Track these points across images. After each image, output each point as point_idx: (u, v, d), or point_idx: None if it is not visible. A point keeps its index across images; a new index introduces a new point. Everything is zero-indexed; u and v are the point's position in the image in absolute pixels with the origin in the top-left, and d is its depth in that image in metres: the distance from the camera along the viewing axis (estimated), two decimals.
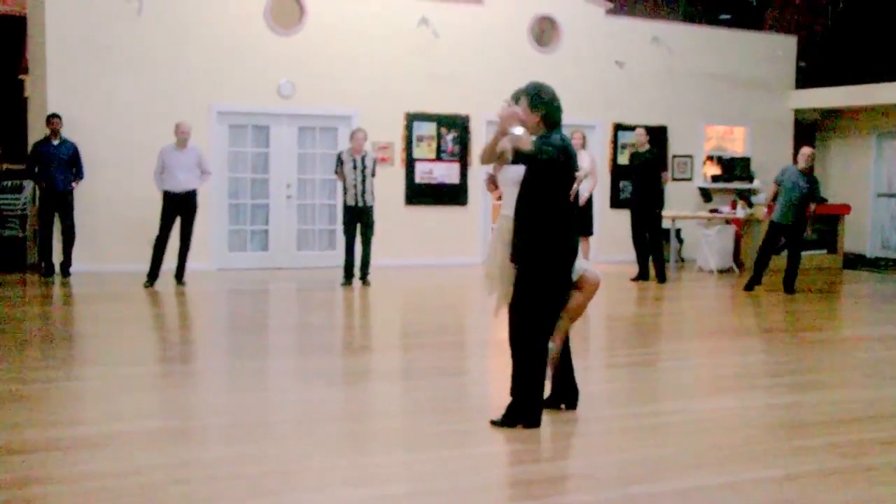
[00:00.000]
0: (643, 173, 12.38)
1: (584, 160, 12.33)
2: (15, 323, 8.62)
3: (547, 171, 5.10)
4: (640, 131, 12.61)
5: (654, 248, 12.34)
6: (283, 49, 12.63)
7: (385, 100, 13.17)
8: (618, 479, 4.49)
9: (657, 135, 14.13)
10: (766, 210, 11.99)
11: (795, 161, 11.81)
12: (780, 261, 12.13)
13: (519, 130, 5.05)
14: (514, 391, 5.26)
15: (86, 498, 4.09)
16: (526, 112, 5.20)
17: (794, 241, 11.58)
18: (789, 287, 11.49)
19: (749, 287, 11.55)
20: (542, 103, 5.22)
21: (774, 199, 11.57)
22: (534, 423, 5.19)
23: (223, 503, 4.09)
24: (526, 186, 5.17)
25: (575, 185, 11.90)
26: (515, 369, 5.26)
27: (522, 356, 5.21)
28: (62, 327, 8.70)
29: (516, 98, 5.35)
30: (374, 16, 13.10)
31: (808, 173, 11.43)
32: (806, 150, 11.67)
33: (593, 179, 12.31)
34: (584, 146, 12.41)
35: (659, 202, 12.39)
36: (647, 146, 12.47)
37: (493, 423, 5.24)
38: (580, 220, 12.30)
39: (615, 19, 14.75)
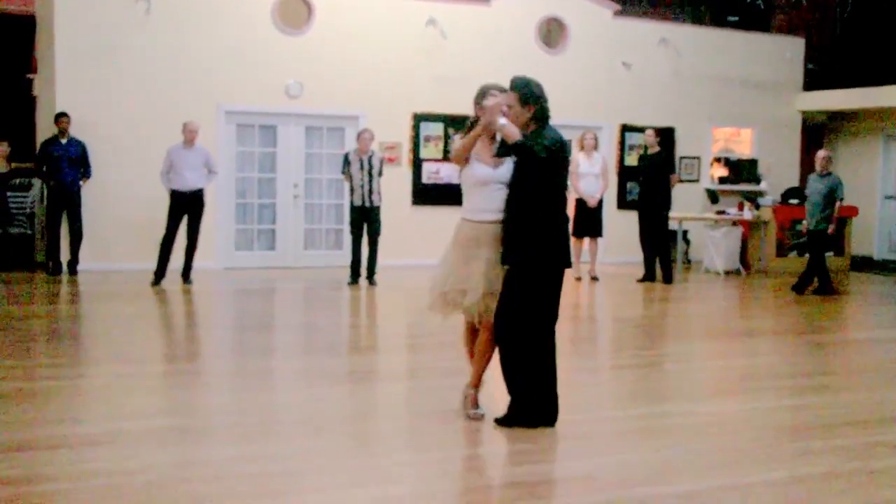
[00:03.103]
0: (652, 175, 12.38)
1: (596, 162, 12.36)
2: (22, 321, 8.65)
3: (541, 165, 5.00)
4: (650, 132, 12.62)
5: (660, 249, 12.32)
6: (290, 49, 12.64)
7: (392, 100, 13.18)
8: (621, 481, 4.49)
9: (665, 136, 14.08)
10: (804, 223, 12.11)
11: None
12: (791, 262, 12.14)
13: (503, 121, 4.97)
14: (511, 391, 5.24)
15: (91, 495, 4.11)
16: (516, 109, 5.10)
17: (817, 244, 11.74)
18: (799, 288, 11.64)
19: (823, 292, 11.64)
20: (533, 98, 5.13)
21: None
22: (531, 421, 5.18)
23: (228, 502, 4.10)
24: (520, 185, 5.09)
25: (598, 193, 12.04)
26: (508, 371, 5.19)
27: (516, 356, 5.15)
28: (69, 325, 8.72)
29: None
30: (382, 16, 13.11)
31: (826, 175, 11.67)
32: (818, 154, 11.96)
33: (605, 182, 12.34)
34: (595, 148, 12.40)
35: (666, 204, 12.37)
36: (657, 147, 12.46)
37: (497, 421, 5.24)
38: (589, 222, 12.31)
39: (623, 21, 14.73)
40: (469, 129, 5.25)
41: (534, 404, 5.20)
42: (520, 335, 5.13)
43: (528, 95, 5.11)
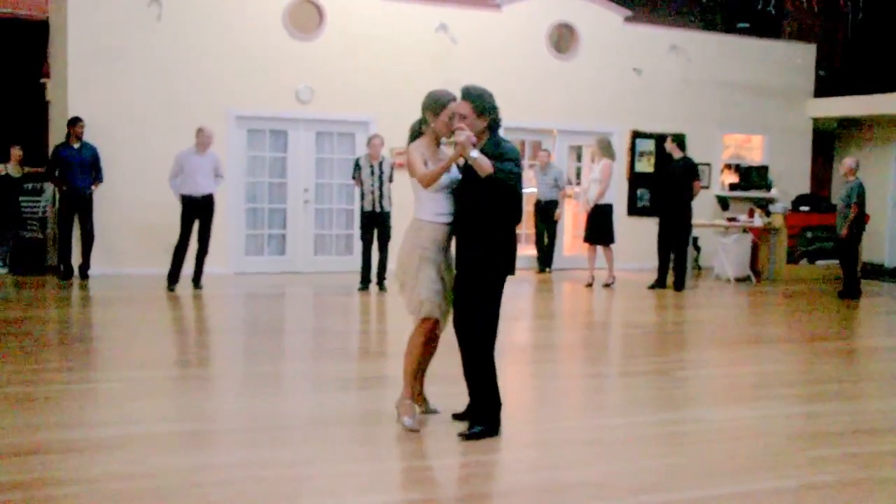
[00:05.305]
0: (676, 181, 12.21)
1: (597, 169, 12.29)
2: (33, 325, 8.68)
3: (507, 187, 5.04)
4: (668, 140, 12.50)
5: (677, 256, 12.26)
6: (301, 54, 12.68)
7: (402, 106, 13.09)
8: (631, 488, 4.48)
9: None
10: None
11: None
12: (802, 270, 12.10)
13: (476, 153, 5.01)
14: (477, 402, 5.23)
15: (101, 499, 4.12)
16: (471, 118, 5.11)
17: (841, 248, 12.17)
18: (846, 293, 12.04)
19: (849, 297, 12.05)
20: (490, 108, 5.16)
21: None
22: (496, 430, 5.20)
23: None
24: (478, 198, 5.08)
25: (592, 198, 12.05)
26: (475, 379, 5.21)
27: (482, 362, 5.18)
28: (80, 330, 8.75)
29: (440, 104, 5.32)
30: (393, 22, 13.14)
31: (851, 182, 12.01)
32: (844, 161, 12.36)
33: (600, 187, 12.16)
34: (610, 156, 12.22)
35: (689, 211, 12.28)
36: (679, 153, 12.28)
37: (465, 436, 5.16)
38: (598, 229, 12.25)
39: (633, 27, 14.73)
40: (417, 135, 5.46)
41: (496, 411, 5.23)
42: (483, 339, 5.18)
43: (484, 106, 5.14)
